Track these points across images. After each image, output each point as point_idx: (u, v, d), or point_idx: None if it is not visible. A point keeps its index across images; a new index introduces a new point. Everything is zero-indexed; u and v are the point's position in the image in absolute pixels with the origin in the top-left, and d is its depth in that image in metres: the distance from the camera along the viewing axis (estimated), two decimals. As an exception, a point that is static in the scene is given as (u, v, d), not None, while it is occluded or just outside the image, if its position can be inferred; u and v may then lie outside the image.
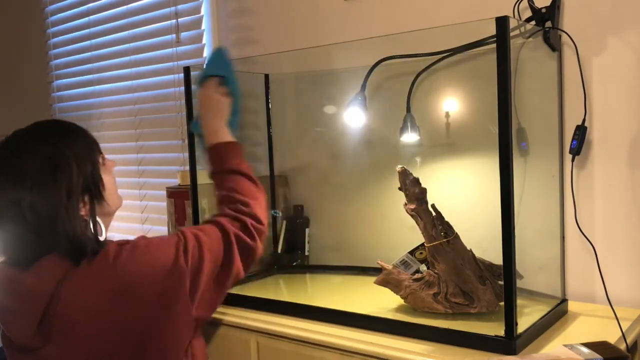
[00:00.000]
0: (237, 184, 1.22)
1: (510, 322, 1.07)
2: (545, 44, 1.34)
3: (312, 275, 1.76)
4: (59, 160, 1.02)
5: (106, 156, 1.17)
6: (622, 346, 1.12)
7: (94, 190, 1.07)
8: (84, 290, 0.99)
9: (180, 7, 2.09)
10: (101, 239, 1.07)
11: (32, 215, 0.99)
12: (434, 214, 1.28)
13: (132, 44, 2.31)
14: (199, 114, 1.33)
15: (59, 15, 2.64)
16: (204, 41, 2.04)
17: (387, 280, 1.32)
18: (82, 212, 1.05)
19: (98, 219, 1.07)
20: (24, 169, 1.01)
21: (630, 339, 1.15)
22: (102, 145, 1.17)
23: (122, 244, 1.06)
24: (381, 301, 1.34)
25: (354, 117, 1.51)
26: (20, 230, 1.00)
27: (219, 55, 1.35)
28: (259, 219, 1.19)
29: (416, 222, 1.29)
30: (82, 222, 1.04)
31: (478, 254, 1.28)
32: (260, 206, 1.21)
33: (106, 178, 1.12)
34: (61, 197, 1.01)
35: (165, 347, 1.03)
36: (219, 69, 1.32)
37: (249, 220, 1.16)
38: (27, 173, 1.00)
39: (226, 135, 1.28)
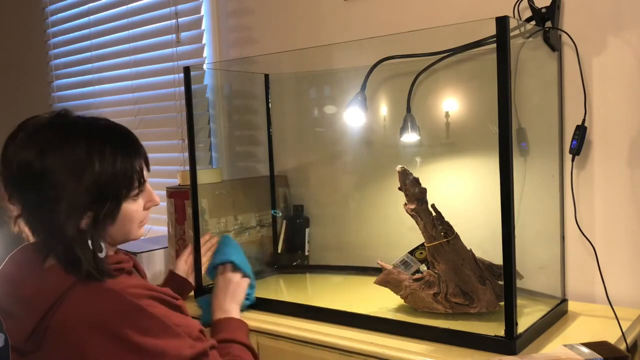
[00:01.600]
0: (243, 353, 1.19)
1: (510, 322, 1.07)
2: (545, 44, 1.34)
3: (312, 275, 1.76)
4: (86, 161, 1.00)
5: (153, 193, 1.14)
6: (622, 346, 1.12)
7: (100, 211, 1.02)
8: (84, 318, 0.97)
9: (180, 7, 2.09)
10: (101, 255, 1.03)
11: (46, 187, 0.98)
12: (434, 214, 1.28)
13: (132, 44, 2.31)
14: (210, 296, 1.38)
15: (59, 15, 2.64)
16: (204, 41, 2.04)
17: (387, 280, 1.32)
18: (82, 223, 1.01)
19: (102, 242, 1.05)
20: (58, 150, 0.99)
21: (630, 339, 1.15)
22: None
23: (150, 290, 1.02)
24: (381, 301, 1.34)
25: (354, 117, 1.51)
26: (32, 197, 0.99)
27: (226, 242, 1.46)
28: None
29: (416, 222, 1.29)
30: (79, 233, 1.00)
31: (478, 254, 1.29)
32: None
33: (128, 207, 1.07)
34: (67, 192, 0.98)
35: None
36: (229, 255, 1.41)
37: None
38: (61, 154, 0.99)
39: (238, 316, 1.31)
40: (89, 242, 1.01)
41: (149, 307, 0.99)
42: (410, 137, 1.52)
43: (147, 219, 1.15)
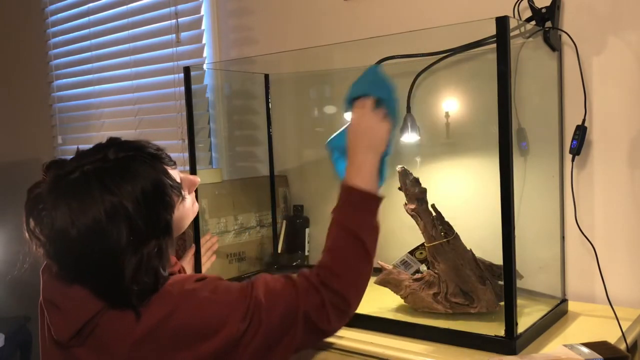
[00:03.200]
0: (345, 249, 1.04)
1: (510, 322, 1.07)
2: (545, 44, 1.34)
3: (312, 275, 1.76)
4: (114, 212, 0.93)
5: (188, 177, 1.11)
6: (622, 346, 1.12)
7: (158, 241, 0.98)
8: (129, 335, 0.96)
9: (180, 7, 2.09)
10: (164, 274, 1.00)
11: (90, 249, 0.94)
12: (434, 214, 1.28)
13: (132, 44, 2.31)
14: (345, 131, 1.13)
15: (59, 15, 2.64)
16: (204, 41, 2.04)
17: (387, 280, 1.32)
18: (149, 254, 0.96)
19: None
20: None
21: (630, 339, 1.15)
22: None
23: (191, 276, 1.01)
24: (381, 301, 1.34)
25: (354, 117, 1.51)
26: (81, 263, 0.96)
27: (373, 73, 1.14)
28: (346, 300, 1.01)
29: (416, 222, 1.29)
30: (142, 268, 0.95)
31: (478, 254, 1.28)
32: (355, 285, 1.02)
33: (178, 212, 1.04)
34: (113, 246, 0.93)
35: None
36: (375, 89, 1.11)
37: (328, 299, 0.99)
38: (88, 216, 0.93)
39: (369, 177, 1.07)
40: (152, 275, 0.97)
41: (196, 288, 0.98)
42: (410, 137, 1.52)
43: (194, 197, 1.15)
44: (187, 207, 1.10)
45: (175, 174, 1.06)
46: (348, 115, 1.15)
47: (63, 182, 0.95)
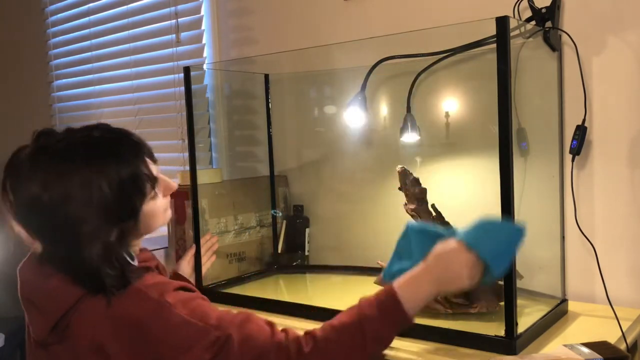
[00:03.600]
0: (345, 340, 0.98)
1: (510, 322, 1.07)
2: (545, 44, 1.34)
3: (312, 275, 1.76)
4: (90, 185, 0.96)
5: (166, 179, 1.11)
6: (622, 346, 1.12)
7: (123, 227, 1.00)
8: (106, 314, 0.96)
9: (180, 7, 2.09)
10: (134, 263, 1.04)
11: (58, 219, 0.96)
12: (434, 214, 1.28)
13: (132, 44, 2.31)
14: (434, 238, 1.04)
15: (59, 15, 2.64)
16: (204, 41, 2.04)
17: (387, 280, 1.31)
18: (106, 244, 0.97)
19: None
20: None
21: (630, 339, 1.15)
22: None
23: (173, 283, 1.01)
24: (381, 301, 1.33)
25: (354, 117, 1.51)
26: (47, 231, 0.98)
27: (514, 239, 1.02)
28: None
29: (416, 222, 1.29)
30: (103, 255, 0.97)
31: (478, 254, 1.28)
32: None
33: (148, 207, 1.05)
34: (80, 221, 0.95)
35: None
36: (486, 251, 0.98)
37: None
38: (63, 184, 0.95)
39: (416, 300, 1.00)
40: (116, 259, 0.98)
41: (173, 303, 0.97)
42: (410, 137, 1.52)
43: (169, 204, 1.14)
44: (158, 206, 1.09)
45: (155, 169, 1.07)
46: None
47: (50, 149, 0.98)
